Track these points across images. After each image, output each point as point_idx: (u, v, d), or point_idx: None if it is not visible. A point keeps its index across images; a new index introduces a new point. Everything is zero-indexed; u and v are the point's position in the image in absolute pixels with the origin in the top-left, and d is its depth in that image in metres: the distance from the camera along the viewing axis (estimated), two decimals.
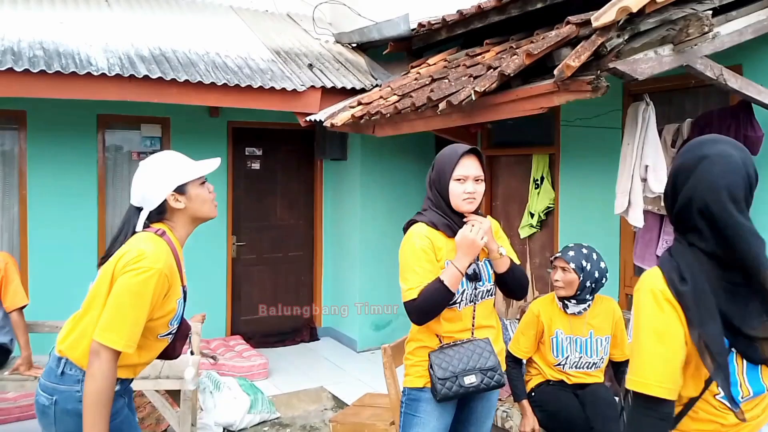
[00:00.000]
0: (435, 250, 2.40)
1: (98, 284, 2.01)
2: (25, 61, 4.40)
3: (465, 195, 2.38)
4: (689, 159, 1.54)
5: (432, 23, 5.42)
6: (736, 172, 1.48)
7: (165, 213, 2.13)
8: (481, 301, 2.48)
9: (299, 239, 6.71)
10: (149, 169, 2.13)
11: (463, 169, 2.39)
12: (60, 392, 1.97)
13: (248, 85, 5.01)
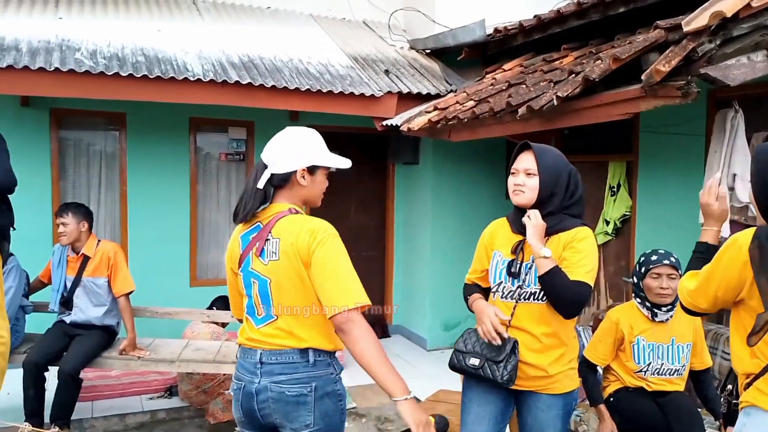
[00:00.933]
0: (490, 241, 2.59)
1: (288, 279, 2.03)
2: (129, 66, 4.76)
3: (513, 187, 2.45)
4: None
5: (508, 29, 5.53)
6: None
7: (286, 183, 2.13)
8: (525, 302, 2.44)
9: (372, 239, 6.92)
10: (297, 137, 2.18)
11: (517, 163, 2.46)
12: (318, 378, 2.04)
13: (329, 90, 5.25)
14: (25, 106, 5.36)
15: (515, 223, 2.51)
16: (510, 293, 2.46)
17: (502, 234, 2.57)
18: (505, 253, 2.51)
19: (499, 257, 2.53)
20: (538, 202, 2.42)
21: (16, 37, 4.78)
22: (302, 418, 2.02)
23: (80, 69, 4.55)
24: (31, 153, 5.45)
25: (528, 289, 2.42)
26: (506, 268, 2.47)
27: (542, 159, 2.40)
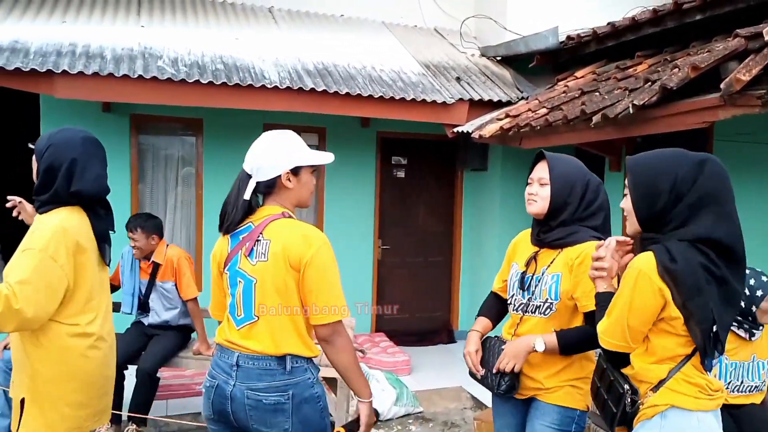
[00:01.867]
0: (512, 252, 2.63)
1: (272, 282, 2.06)
2: (209, 74, 4.95)
3: (527, 196, 2.49)
4: (688, 166, 1.83)
5: (581, 36, 5.46)
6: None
7: (273, 188, 2.15)
8: (530, 315, 2.41)
9: (439, 245, 6.94)
10: (273, 142, 2.18)
11: (532, 172, 2.50)
12: (294, 385, 2.07)
13: (402, 97, 5.31)
14: (106, 111, 5.63)
15: (532, 233, 2.53)
16: (520, 306, 2.46)
17: (523, 245, 2.57)
18: (520, 265, 2.51)
19: (515, 269, 2.54)
20: (551, 211, 2.40)
21: (101, 44, 5.03)
22: (281, 424, 2.06)
23: (162, 76, 4.76)
24: (111, 157, 5.53)
25: (534, 303, 2.41)
26: (519, 281, 2.48)
27: (555, 168, 2.41)
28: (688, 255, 1.78)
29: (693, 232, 1.80)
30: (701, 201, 1.80)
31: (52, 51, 4.78)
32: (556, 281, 2.36)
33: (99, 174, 2.40)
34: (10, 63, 4.46)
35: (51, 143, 2.33)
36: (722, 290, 1.81)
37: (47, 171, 2.31)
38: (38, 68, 4.51)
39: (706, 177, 1.82)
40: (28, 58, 4.60)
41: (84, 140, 2.37)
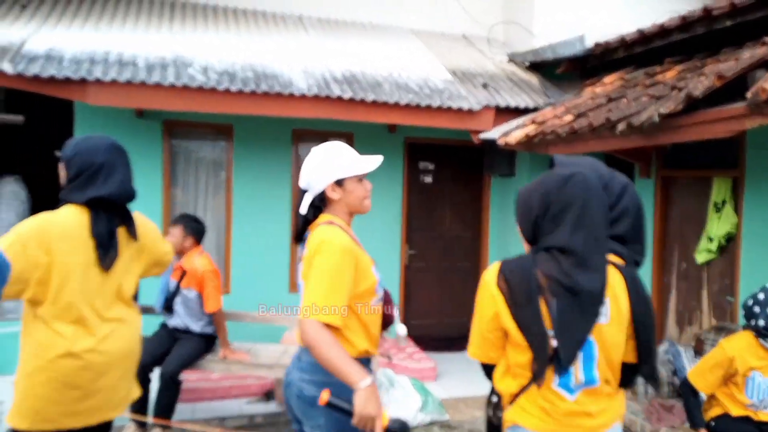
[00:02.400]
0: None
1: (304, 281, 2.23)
2: (238, 82, 5.05)
3: None
4: (555, 181, 1.87)
5: (609, 42, 5.43)
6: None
7: (324, 201, 2.32)
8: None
9: (466, 250, 6.94)
10: (317, 157, 2.32)
11: None
12: (334, 385, 2.10)
13: (428, 104, 5.35)
14: (139, 117, 5.78)
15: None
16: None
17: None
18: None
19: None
20: None
21: (134, 52, 5.17)
22: (315, 418, 2.17)
23: (193, 84, 4.88)
24: (144, 161, 5.86)
25: None
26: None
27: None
28: (526, 265, 1.81)
29: (549, 242, 1.83)
30: (562, 212, 1.83)
31: (86, 59, 4.93)
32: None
33: (123, 179, 2.48)
34: (44, 71, 4.62)
35: (77, 151, 2.43)
36: (574, 300, 1.75)
37: (76, 177, 2.41)
38: (72, 76, 4.65)
39: (568, 191, 1.84)
40: (62, 65, 4.75)
41: (109, 147, 2.48)
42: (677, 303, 5.38)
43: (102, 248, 2.39)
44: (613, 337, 1.82)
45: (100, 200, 2.39)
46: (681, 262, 5.39)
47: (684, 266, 5.35)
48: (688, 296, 5.28)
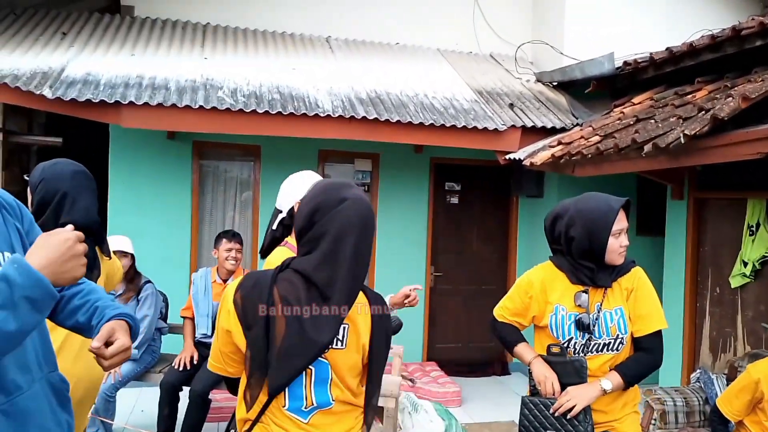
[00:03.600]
0: (542, 291, 2.51)
1: None
2: (265, 104, 5.13)
3: (621, 249, 2.42)
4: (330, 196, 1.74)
5: (638, 62, 5.36)
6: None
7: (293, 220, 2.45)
8: (596, 354, 2.44)
9: (493, 273, 6.87)
10: (290, 181, 2.58)
11: (619, 223, 2.41)
12: None
13: (453, 125, 5.34)
14: (170, 138, 5.91)
15: (572, 273, 2.46)
16: (580, 347, 2.46)
17: (558, 285, 2.50)
18: (568, 307, 2.46)
19: (563, 311, 2.47)
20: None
21: (166, 76, 5.30)
22: None
23: (222, 107, 4.97)
24: (174, 181, 6.00)
25: (599, 341, 2.43)
26: (574, 323, 2.45)
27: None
28: (264, 281, 1.71)
29: (298, 263, 1.74)
30: (321, 237, 1.70)
31: (121, 83, 5.07)
32: (621, 315, 2.41)
33: (88, 206, 2.46)
34: (81, 95, 4.77)
35: (43, 177, 2.42)
36: (301, 332, 1.65)
37: (40, 204, 2.39)
38: (107, 99, 4.79)
39: (336, 216, 1.70)
40: (98, 89, 4.90)
41: (74, 174, 2.45)
42: (711, 329, 5.22)
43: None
44: (347, 361, 1.75)
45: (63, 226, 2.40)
46: (715, 286, 5.23)
47: (718, 291, 5.19)
48: (722, 322, 5.12)
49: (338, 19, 6.90)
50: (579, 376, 2.41)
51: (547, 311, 2.50)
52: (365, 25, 6.97)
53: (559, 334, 2.48)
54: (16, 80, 4.78)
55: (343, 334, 1.72)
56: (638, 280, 2.47)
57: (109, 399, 4.24)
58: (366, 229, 1.73)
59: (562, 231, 2.47)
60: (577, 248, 2.42)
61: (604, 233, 2.38)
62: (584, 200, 2.48)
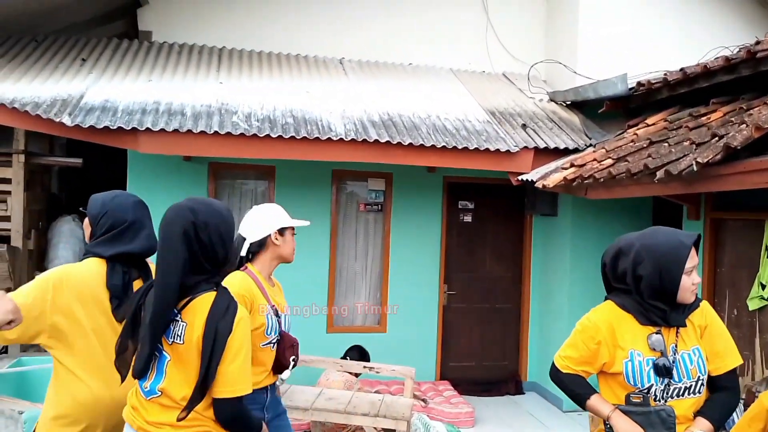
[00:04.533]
0: (611, 336, 2.33)
1: None
2: (278, 128, 5.17)
3: (693, 287, 2.28)
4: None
5: (652, 82, 5.32)
6: None
7: (263, 247, 2.82)
8: (678, 399, 2.29)
9: (507, 291, 6.85)
10: (263, 210, 2.88)
11: (692, 260, 2.26)
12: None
13: (464, 147, 5.35)
14: (187, 160, 6.00)
15: (642, 314, 2.31)
16: (661, 394, 2.29)
17: (627, 327, 2.33)
18: (644, 351, 2.29)
19: (639, 357, 2.29)
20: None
21: (182, 101, 5.36)
22: None
23: (236, 131, 5.03)
24: None
25: (680, 385, 2.28)
26: (653, 368, 2.27)
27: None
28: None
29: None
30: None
31: (138, 109, 5.15)
32: (699, 355, 2.29)
33: (150, 233, 2.61)
34: (99, 122, 4.86)
35: (107, 210, 2.54)
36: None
37: (108, 231, 2.52)
38: (124, 126, 4.87)
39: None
40: (116, 116, 4.98)
41: (135, 204, 2.61)
42: None
43: (116, 299, 2.48)
44: (186, 356, 2.02)
45: (121, 255, 2.51)
46: (732, 308, 5.17)
47: (735, 313, 5.13)
48: (740, 345, 5.05)
49: (352, 40, 6.96)
50: (666, 427, 2.24)
51: (619, 357, 2.31)
52: (379, 46, 7.01)
53: (636, 382, 2.28)
54: (36, 108, 4.88)
55: (181, 329, 2.02)
56: (708, 316, 2.34)
57: None
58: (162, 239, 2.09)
59: (629, 269, 2.29)
60: (648, 287, 2.25)
61: (677, 271, 2.22)
62: (652, 235, 2.32)
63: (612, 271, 2.39)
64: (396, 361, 5.58)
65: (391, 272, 6.46)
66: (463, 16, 7.16)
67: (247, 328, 2.09)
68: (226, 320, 2.00)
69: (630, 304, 2.33)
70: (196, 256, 2.05)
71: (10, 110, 4.86)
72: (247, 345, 2.07)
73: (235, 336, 2.01)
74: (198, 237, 2.05)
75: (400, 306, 6.50)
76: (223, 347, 1.98)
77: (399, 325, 6.50)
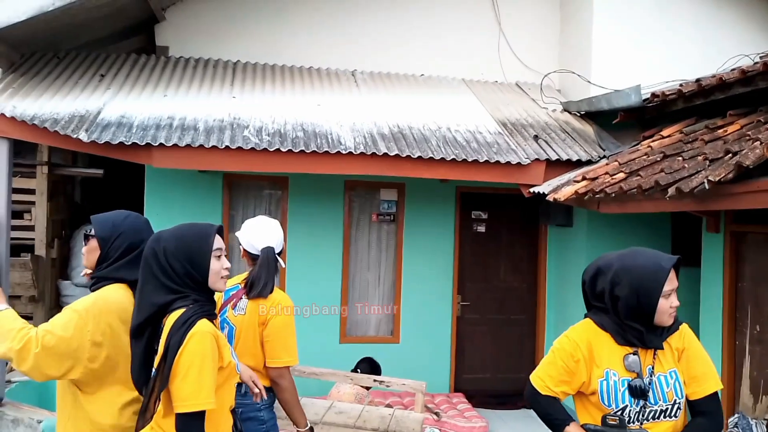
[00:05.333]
0: (589, 355, 2.32)
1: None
2: (288, 142, 5.19)
3: (671, 310, 2.26)
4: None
5: (666, 93, 5.24)
6: None
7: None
8: (654, 422, 2.26)
9: (522, 302, 6.81)
10: (273, 223, 3.10)
11: (670, 283, 2.24)
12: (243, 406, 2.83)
13: (474, 159, 5.31)
14: (202, 172, 6.08)
15: (619, 333, 2.28)
16: (635, 415, 2.26)
17: (604, 346, 2.31)
18: (620, 372, 2.27)
19: (614, 376, 2.27)
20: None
21: (195, 116, 5.41)
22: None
23: (246, 146, 5.06)
24: (205, 212, 6.21)
25: (655, 407, 2.25)
26: (628, 389, 2.26)
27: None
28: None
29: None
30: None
31: (152, 125, 5.20)
32: (676, 378, 2.26)
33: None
34: (115, 137, 4.92)
35: (121, 231, 2.47)
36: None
37: (126, 252, 2.45)
38: (138, 142, 4.93)
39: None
40: (131, 132, 5.04)
41: (146, 223, 2.59)
42: (751, 369, 5.03)
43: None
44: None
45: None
46: (755, 324, 5.05)
47: (758, 329, 5.01)
48: (763, 361, 4.94)
49: (364, 52, 6.96)
50: None
51: (596, 376, 2.29)
52: (390, 58, 7.00)
53: (610, 402, 2.27)
54: (55, 124, 4.96)
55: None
56: (687, 339, 2.32)
57: None
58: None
59: (606, 288, 2.28)
60: (624, 308, 2.24)
61: (654, 294, 2.21)
62: (631, 256, 2.29)
63: (591, 290, 2.38)
64: (409, 371, 5.58)
65: (404, 282, 6.46)
66: (476, 25, 7.11)
67: (201, 343, 2.06)
68: (179, 334, 2.04)
69: (608, 323, 2.31)
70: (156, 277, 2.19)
71: (30, 126, 4.95)
72: (199, 360, 2.04)
73: (185, 350, 2.03)
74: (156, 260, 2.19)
75: (413, 316, 6.50)
76: (172, 361, 2.01)
77: (412, 336, 6.50)
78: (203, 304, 2.16)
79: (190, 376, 2.01)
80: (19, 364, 2.19)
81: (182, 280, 2.15)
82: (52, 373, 2.24)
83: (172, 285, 2.14)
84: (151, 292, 2.15)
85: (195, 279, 2.18)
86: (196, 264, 2.18)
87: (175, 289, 2.14)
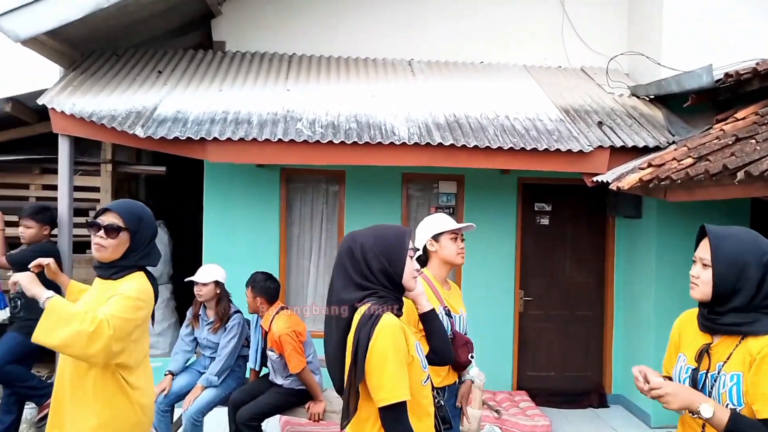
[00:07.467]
0: (678, 337, 2.30)
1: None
2: (342, 134, 5.14)
3: (691, 278, 2.16)
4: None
5: (741, 73, 4.84)
6: None
7: (426, 254, 3.34)
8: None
9: (588, 298, 6.51)
10: (423, 221, 3.42)
11: (696, 250, 2.18)
12: None
13: (533, 147, 5.10)
14: (259, 166, 6.14)
15: (700, 318, 2.16)
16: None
17: (690, 331, 2.21)
18: (689, 359, 2.14)
19: (682, 362, 2.18)
20: (716, 297, 2.07)
21: (249, 110, 5.44)
22: None
23: (299, 139, 5.05)
24: (263, 206, 6.28)
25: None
26: (689, 379, 2.11)
27: (719, 247, 2.07)
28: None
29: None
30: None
31: (207, 119, 5.28)
32: (736, 383, 1.99)
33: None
34: (170, 133, 5.02)
35: (143, 217, 2.63)
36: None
37: (148, 243, 2.64)
38: (193, 136, 5.01)
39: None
40: (186, 127, 5.13)
41: (151, 212, 2.73)
42: None
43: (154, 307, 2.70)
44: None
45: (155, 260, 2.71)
46: None
47: None
48: None
49: (422, 40, 6.80)
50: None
51: (675, 358, 2.27)
52: (449, 46, 6.82)
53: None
54: (112, 120, 5.11)
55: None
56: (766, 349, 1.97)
57: (196, 423, 4.43)
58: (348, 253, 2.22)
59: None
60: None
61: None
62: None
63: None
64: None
65: (463, 277, 6.29)
66: (538, 9, 6.81)
67: (390, 337, 2.06)
68: (367, 328, 2.06)
69: (699, 305, 2.21)
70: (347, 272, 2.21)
71: (88, 123, 5.13)
72: (393, 353, 2.05)
73: (376, 344, 2.04)
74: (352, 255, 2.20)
75: (474, 312, 6.29)
76: (363, 355, 2.04)
77: (473, 331, 6.20)
78: (388, 300, 2.17)
79: (387, 369, 2.01)
80: (88, 346, 2.29)
81: (377, 278, 2.17)
82: (116, 354, 2.39)
83: (364, 282, 2.17)
84: (340, 288, 2.17)
85: (391, 277, 2.19)
86: (393, 262, 2.18)
87: (366, 286, 2.17)
